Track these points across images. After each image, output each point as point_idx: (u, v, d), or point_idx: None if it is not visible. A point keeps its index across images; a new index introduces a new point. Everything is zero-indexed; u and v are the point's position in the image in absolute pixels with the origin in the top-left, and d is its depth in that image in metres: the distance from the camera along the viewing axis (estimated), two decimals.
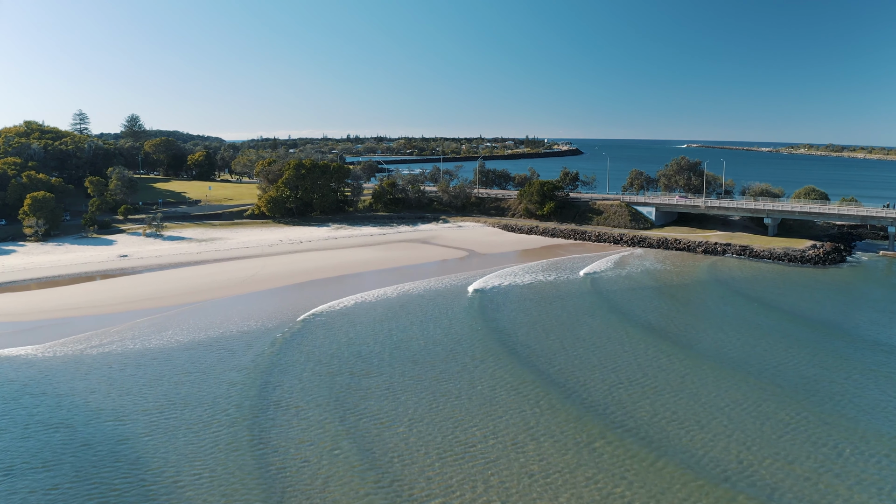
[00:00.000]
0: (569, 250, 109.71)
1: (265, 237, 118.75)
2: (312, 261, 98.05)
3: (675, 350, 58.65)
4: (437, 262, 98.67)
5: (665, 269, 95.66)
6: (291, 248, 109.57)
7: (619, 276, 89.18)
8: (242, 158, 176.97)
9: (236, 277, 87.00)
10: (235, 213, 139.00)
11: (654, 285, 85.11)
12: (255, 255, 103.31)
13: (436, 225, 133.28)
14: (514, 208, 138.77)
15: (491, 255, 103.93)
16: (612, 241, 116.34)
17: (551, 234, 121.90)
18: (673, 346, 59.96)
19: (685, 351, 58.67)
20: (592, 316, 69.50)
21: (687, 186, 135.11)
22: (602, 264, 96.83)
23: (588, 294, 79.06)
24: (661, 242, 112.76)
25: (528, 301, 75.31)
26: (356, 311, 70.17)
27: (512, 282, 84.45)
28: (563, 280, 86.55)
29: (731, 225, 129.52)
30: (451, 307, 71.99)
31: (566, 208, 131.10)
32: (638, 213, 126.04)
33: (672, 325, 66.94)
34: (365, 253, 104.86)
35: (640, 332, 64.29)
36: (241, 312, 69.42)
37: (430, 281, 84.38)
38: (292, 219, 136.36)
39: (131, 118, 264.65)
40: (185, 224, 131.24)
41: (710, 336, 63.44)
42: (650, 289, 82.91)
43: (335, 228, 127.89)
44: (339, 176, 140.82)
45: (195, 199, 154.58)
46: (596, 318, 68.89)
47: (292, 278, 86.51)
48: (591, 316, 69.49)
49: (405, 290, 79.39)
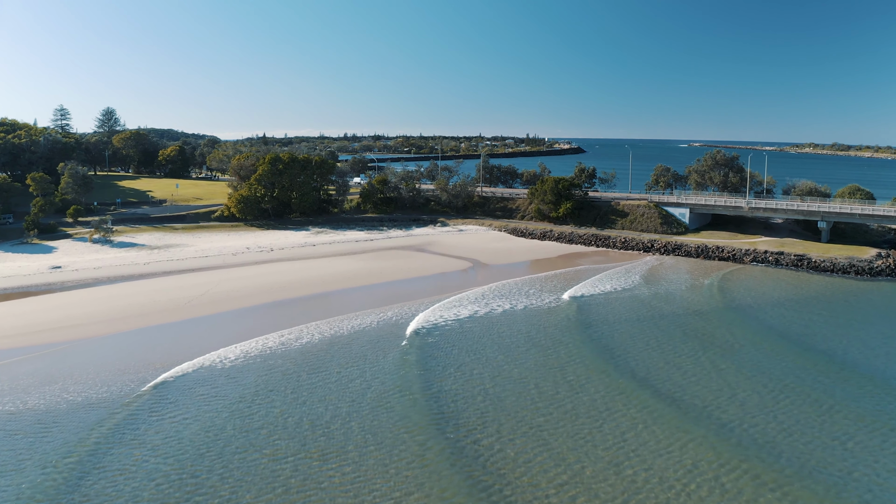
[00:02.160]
0: (591, 259, 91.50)
1: (230, 244, 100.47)
2: (280, 274, 79.80)
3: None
4: (434, 276, 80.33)
5: (727, 286, 77.42)
6: (259, 257, 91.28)
7: (683, 298, 70.95)
8: (218, 154, 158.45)
9: (180, 298, 68.74)
10: (202, 215, 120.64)
11: (744, 310, 66.79)
12: (213, 267, 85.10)
13: (433, 229, 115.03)
14: (523, 209, 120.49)
15: (499, 267, 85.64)
16: (642, 248, 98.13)
17: (568, 240, 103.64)
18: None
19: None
20: (695, 358, 51.31)
21: (723, 184, 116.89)
22: (637, 278, 78.64)
23: (662, 328, 60.82)
24: (700, 250, 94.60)
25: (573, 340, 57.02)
26: (284, 359, 51.84)
27: (531, 306, 66.14)
28: (612, 306, 68.26)
29: (775, 229, 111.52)
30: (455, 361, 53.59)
31: (585, 210, 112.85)
32: (669, 216, 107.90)
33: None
34: (346, 264, 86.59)
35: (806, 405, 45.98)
36: (122, 360, 49.83)
37: (412, 306, 66.03)
38: (267, 221, 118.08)
39: (106, 112, 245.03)
40: (141, 228, 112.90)
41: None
42: (743, 316, 64.63)
43: (315, 233, 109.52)
44: (321, 172, 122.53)
45: (160, 199, 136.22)
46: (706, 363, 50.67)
47: (248, 299, 68.20)
48: (692, 358, 51.29)
49: (385, 320, 61.05)
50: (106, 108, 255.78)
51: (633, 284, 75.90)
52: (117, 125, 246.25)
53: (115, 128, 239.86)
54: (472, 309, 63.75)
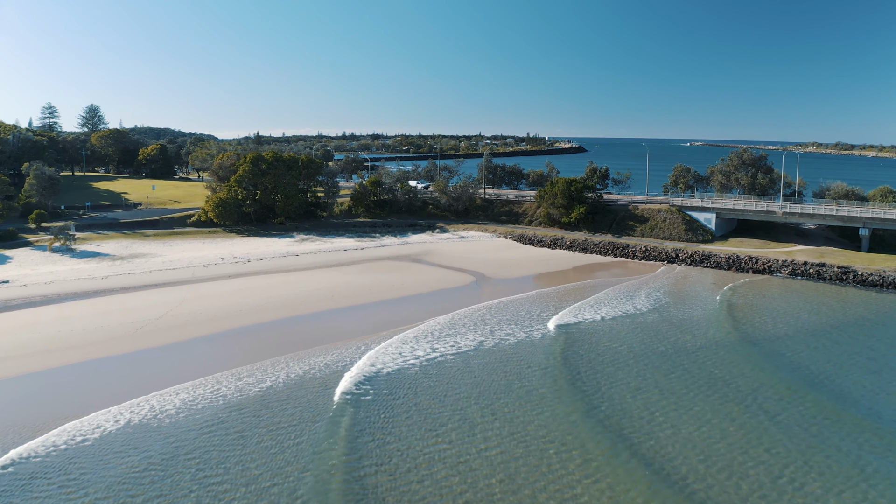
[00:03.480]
0: (610, 271, 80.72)
1: (204, 253, 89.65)
2: (252, 292, 68.97)
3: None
4: (430, 294, 69.36)
5: (761, 306, 66.63)
6: (233, 270, 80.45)
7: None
8: (201, 152, 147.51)
9: (131, 322, 57.94)
10: (177, 220, 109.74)
11: (782, 344, 55.98)
12: (179, 282, 74.31)
13: (431, 235, 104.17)
14: (530, 214, 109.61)
15: (507, 282, 74.80)
16: (665, 258, 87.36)
17: (582, 249, 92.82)
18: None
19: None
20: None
21: (751, 186, 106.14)
22: (660, 295, 67.80)
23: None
24: (731, 261, 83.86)
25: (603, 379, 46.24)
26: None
27: (545, 335, 55.33)
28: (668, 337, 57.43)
29: (808, 236, 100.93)
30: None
31: (599, 214, 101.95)
32: (694, 221, 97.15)
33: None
34: (331, 278, 75.78)
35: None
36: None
37: (395, 340, 55.16)
38: (248, 227, 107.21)
39: (90, 109, 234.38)
40: (108, 235, 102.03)
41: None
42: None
43: (299, 240, 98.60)
44: (309, 173, 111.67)
45: (135, 202, 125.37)
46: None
47: (209, 325, 57.32)
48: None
49: (351, 358, 50.13)
50: (90, 105, 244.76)
51: (656, 304, 65.11)
52: (101, 123, 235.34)
53: (100, 126, 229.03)
54: (476, 339, 53.00)
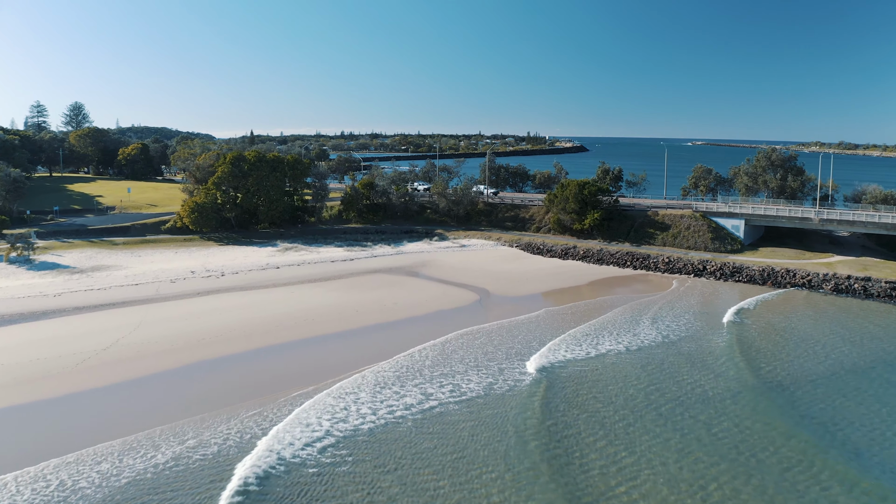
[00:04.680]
0: (631, 287, 71.19)
1: (174, 265, 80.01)
2: (221, 313, 59.36)
3: None
4: (427, 317, 59.64)
5: (802, 332, 57.01)
6: (203, 285, 70.79)
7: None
8: (184, 152, 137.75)
9: (74, 353, 48.40)
10: (150, 227, 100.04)
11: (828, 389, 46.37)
12: (140, 300, 64.72)
13: (429, 244, 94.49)
14: (538, 219, 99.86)
15: (516, 301, 65.13)
16: (691, 271, 77.76)
17: (597, 260, 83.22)
18: None
19: None
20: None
21: (780, 190, 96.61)
22: (689, 318, 58.19)
23: None
24: (766, 275, 74.35)
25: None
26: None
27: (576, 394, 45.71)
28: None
29: (843, 244, 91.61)
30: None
31: (615, 221, 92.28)
32: (720, 229, 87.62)
33: None
34: (314, 295, 66.14)
35: None
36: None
37: (386, 385, 45.56)
38: (228, 234, 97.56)
39: (74, 107, 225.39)
40: (74, 243, 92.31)
41: None
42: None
43: (282, 250, 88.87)
44: (295, 174, 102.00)
45: (108, 206, 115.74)
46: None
47: (162, 357, 47.66)
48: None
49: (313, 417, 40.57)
50: (74, 103, 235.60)
51: (677, 331, 55.55)
52: (86, 121, 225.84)
53: (84, 124, 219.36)
54: (464, 386, 43.43)
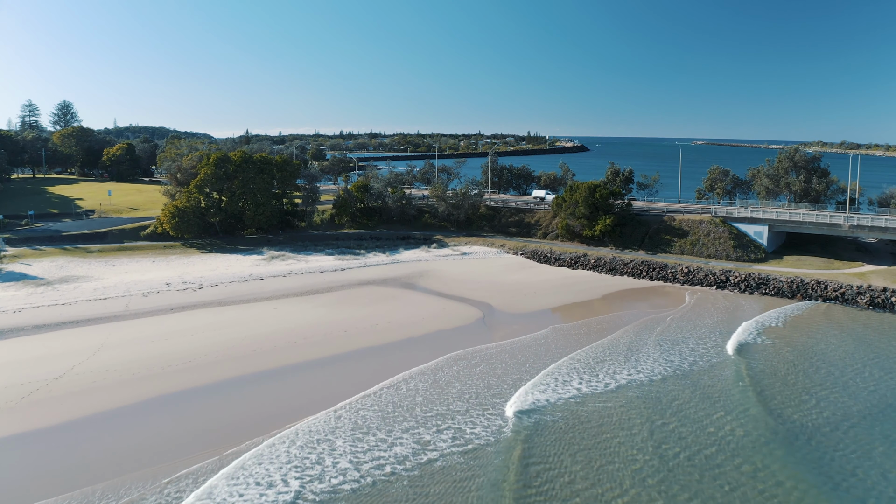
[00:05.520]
0: (650, 301, 64.63)
1: (149, 276, 73.37)
2: (193, 334, 52.79)
3: None
4: (425, 338, 53.02)
5: (837, 358, 50.40)
6: (178, 300, 64.14)
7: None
8: (171, 152, 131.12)
9: (25, 383, 42.14)
10: (129, 233, 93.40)
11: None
12: (107, 318, 58.24)
13: (427, 251, 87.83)
14: (545, 225, 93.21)
15: (523, 319, 58.51)
16: (713, 282, 71.17)
17: (609, 270, 76.63)
18: None
19: None
20: None
21: (804, 193, 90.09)
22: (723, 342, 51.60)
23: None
24: (795, 287, 67.85)
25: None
26: None
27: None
28: None
29: (872, 252, 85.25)
30: None
31: (628, 226, 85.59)
32: (742, 236, 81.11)
33: None
34: (299, 312, 59.51)
35: None
36: None
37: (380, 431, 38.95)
38: (212, 240, 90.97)
39: (62, 106, 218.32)
40: (46, 251, 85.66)
41: None
42: None
43: (268, 258, 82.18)
44: (284, 176, 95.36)
45: (88, 210, 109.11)
46: None
47: (119, 390, 41.17)
48: None
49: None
50: (62, 102, 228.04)
51: (703, 361, 49.02)
52: (74, 120, 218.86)
53: (72, 124, 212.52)
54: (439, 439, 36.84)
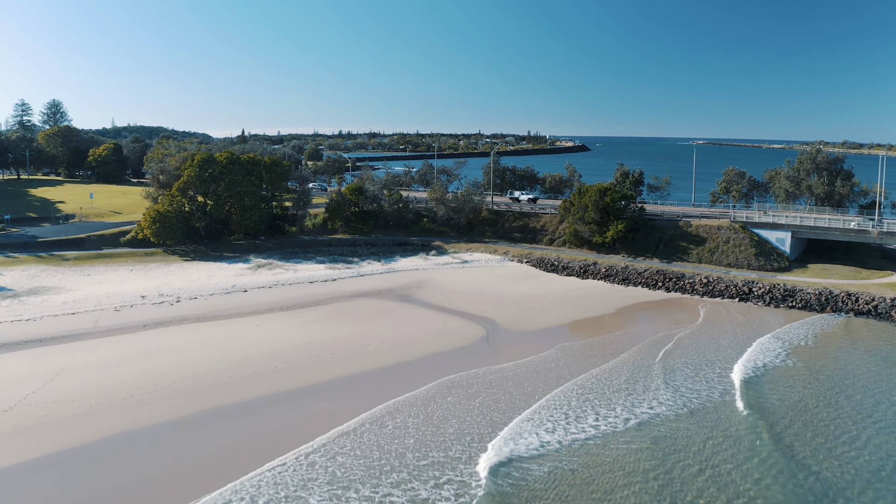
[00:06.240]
0: (669, 316, 59.07)
1: (124, 287, 67.72)
2: (163, 356, 47.15)
3: None
4: (421, 362, 47.36)
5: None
6: (152, 315, 58.49)
7: None
8: (158, 152, 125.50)
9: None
10: (108, 238, 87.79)
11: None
12: (73, 336, 52.62)
13: (425, 259, 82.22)
14: (551, 230, 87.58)
15: (531, 337, 52.89)
16: (735, 294, 65.60)
17: (622, 279, 71.03)
18: None
19: None
20: None
21: (827, 196, 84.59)
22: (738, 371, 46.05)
23: None
24: (824, 299, 62.34)
25: None
26: None
27: None
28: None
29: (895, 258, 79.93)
30: None
31: (641, 232, 80.00)
32: (764, 242, 75.55)
33: None
34: (282, 330, 53.85)
35: None
36: None
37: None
38: (196, 246, 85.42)
39: (51, 105, 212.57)
40: (19, 258, 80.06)
41: None
42: None
43: (254, 267, 76.51)
44: (273, 178, 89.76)
45: (69, 213, 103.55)
46: None
47: (73, 426, 35.47)
48: None
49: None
50: (51, 101, 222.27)
51: (723, 395, 43.43)
52: (63, 120, 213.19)
53: (61, 123, 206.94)
54: None
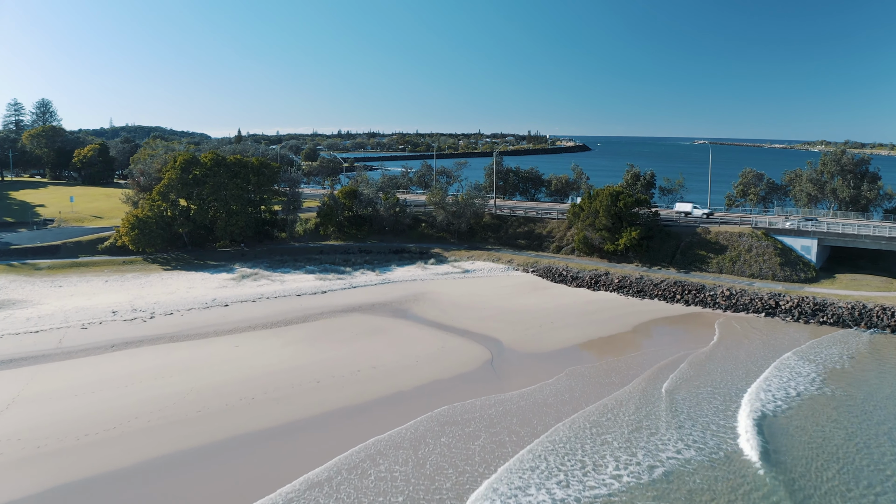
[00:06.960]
0: (694, 333, 53.62)
1: (96, 300, 62.15)
2: (128, 384, 41.63)
3: None
4: (417, 392, 41.79)
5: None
6: (122, 333, 52.91)
7: None
8: (144, 153, 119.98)
9: None
10: (86, 245, 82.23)
11: None
12: (31, 358, 47.11)
13: (423, 268, 76.65)
14: (558, 236, 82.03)
15: (541, 359, 47.34)
16: (761, 308, 60.09)
17: (637, 291, 65.47)
18: None
19: None
20: None
21: (853, 200, 79.14)
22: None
23: None
24: (858, 315, 56.97)
25: None
26: None
27: None
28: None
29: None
30: None
31: (655, 240, 74.43)
32: (788, 251, 70.07)
33: None
34: (264, 351, 48.26)
35: None
36: None
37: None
38: (179, 254, 79.89)
39: (41, 104, 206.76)
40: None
41: None
42: None
43: (238, 278, 70.90)
44: (260, 180, 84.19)
45: (47, 218, 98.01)
46: None
47: (7, 475, 30.14)
48: None
49: None
50: (40, 100, 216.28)
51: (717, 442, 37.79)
52: (53, 119, 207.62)
53: (51, 123, 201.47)
54: None
